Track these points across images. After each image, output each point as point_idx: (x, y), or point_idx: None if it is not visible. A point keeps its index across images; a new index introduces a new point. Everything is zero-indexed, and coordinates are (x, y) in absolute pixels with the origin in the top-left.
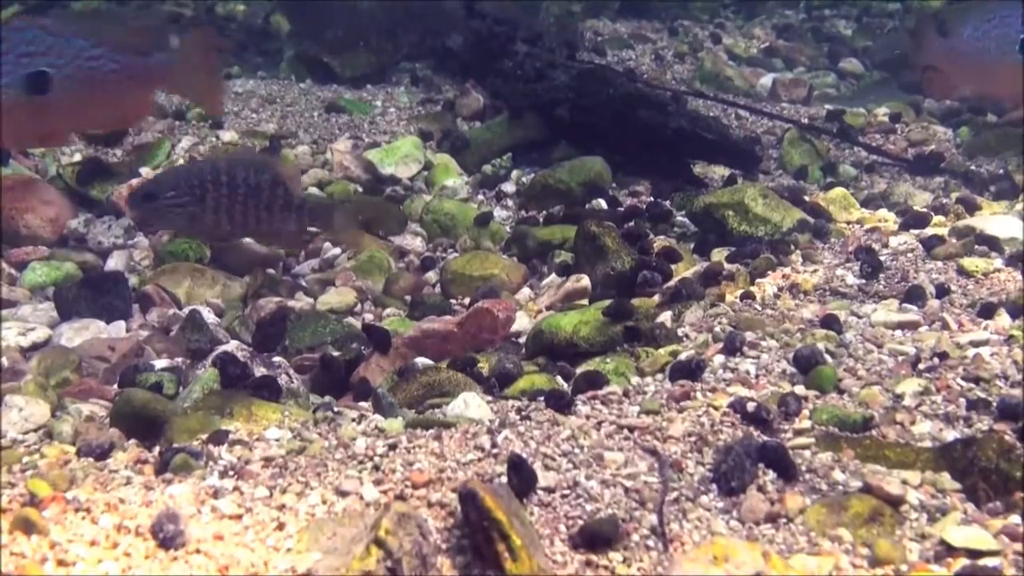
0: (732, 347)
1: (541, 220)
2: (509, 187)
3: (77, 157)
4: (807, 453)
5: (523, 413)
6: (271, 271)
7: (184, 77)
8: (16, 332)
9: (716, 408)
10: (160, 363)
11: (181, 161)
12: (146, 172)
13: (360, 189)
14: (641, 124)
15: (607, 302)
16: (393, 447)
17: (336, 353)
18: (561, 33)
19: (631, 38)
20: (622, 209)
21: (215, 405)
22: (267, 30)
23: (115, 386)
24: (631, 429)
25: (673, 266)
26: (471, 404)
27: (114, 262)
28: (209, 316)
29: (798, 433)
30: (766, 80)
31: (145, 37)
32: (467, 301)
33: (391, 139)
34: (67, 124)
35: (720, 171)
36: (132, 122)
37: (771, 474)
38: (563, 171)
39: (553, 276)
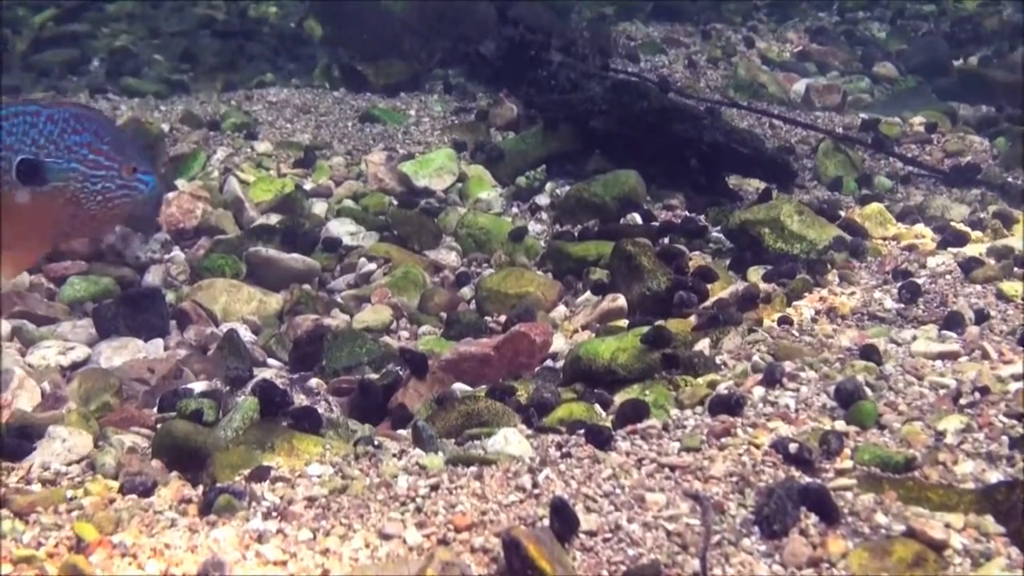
0: (772, 379)
1: (576, 235)
2: (543, 200)
3: None
4: (849, 495)
5: (563, 449)
6: (307, 286)
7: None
8: (56, 351)
9: (757, 447)
10: (199, 386)
11: (216, 172)
12: (182, 184)
13: (395, 202)
14: (676, 137)
15: (645, 328)
16: (435, 487)
17: (374, 376)
18: (594, 39)
19: (664, 42)
20: (657, 224)
21: (256, 439)
22: (300, 35)
23: (155, 410)
24: (672, 468)
25: (709, 285)
26: (511, 440)
27: (151, 277)
28: (246, 334)
29: (840, 473)
30: (800, 86)
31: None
32: (502, 319)
33: (425, 150)
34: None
35: (755, 183)
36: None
37: (813, 517)
38: (598, 185)
39: (588, 294)
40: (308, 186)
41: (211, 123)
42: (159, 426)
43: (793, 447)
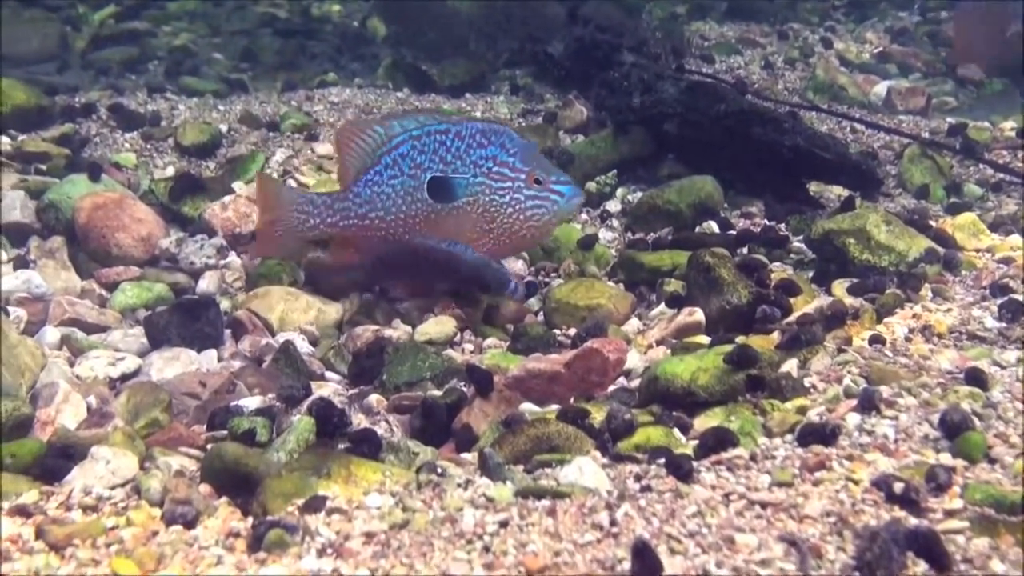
0: (868, 405)
1: (649, 243)
2: (614, 206)
3: (170, 171)
4: (961, 539)
5: (643, 481)
6: (367, 295)
7: None
8: (106, 362)
9: (856, 483)
10: (252, 401)
11: (275, 175)
12: (239, 187)
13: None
14: (755, 141)
15: (728, 347)
16: (504, 523)
17: (436, 393)
18: (666, 39)
19: (739, 42)
20: (734, 233)
21: (311, 464)
22: (363, 34)
23: (205, 428)
24: (763, 505)
25: (792, 299)
26: (586, 471)
27: (206, 283)
28: (303, 345)
29: (949, 514)
30: (880, 88)
31: None
32: (572, 332)
33: None
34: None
35: (837, 190)
36: None
37: (922, 564)
38: (672, 191)
39: (663, 307)
40: None
41: (270, 124)
42: (209, 446)
43: (898, 486)
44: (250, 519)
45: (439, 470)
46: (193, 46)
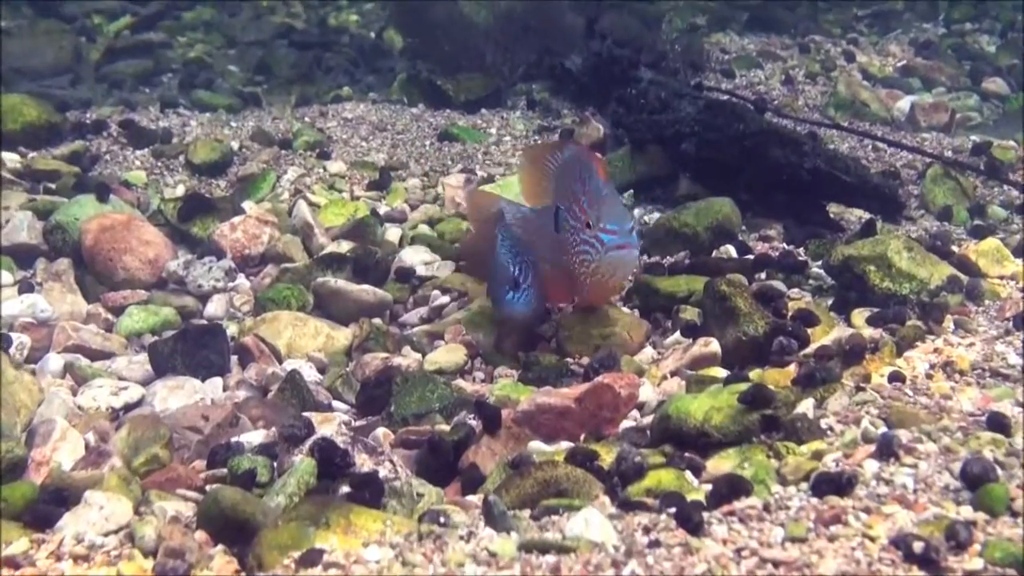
0: (886, 451)
1: (666, 267)
2: None
3: (180, 190)
4: None
5: (651, 535)
6: (377, 320)
7: None
8: (108, 391)
9: (873, 539)
10: (255, 436)
11: (286, 194)
12: (248, 206)
13: (472, 228)
14: (773, 163)
15: (742, 385)
16: None
17: (445, 428)
18: (685, 53)
19: (759, 55)
20: (752, 257)
21: (310, 514)
22: (380, 46)
23: (205, 466)
24: (776, 564)
25: (810, 330)
26: (592, 523)
27: (213, 307)
28: (311, 373)
29: (969, 575)
30: (904, 104)
31: None
32: (585, 360)
33: (506, 172)
34: None
35: (859, 212)
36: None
37: None
38: (689, 213)
39: (678, 335)
40: (382, 210)
41: (283, 141)
42: (208, 487)
43: (918, 546)
44: (244, 575)
45: (441, 519)
46: (208, 58)
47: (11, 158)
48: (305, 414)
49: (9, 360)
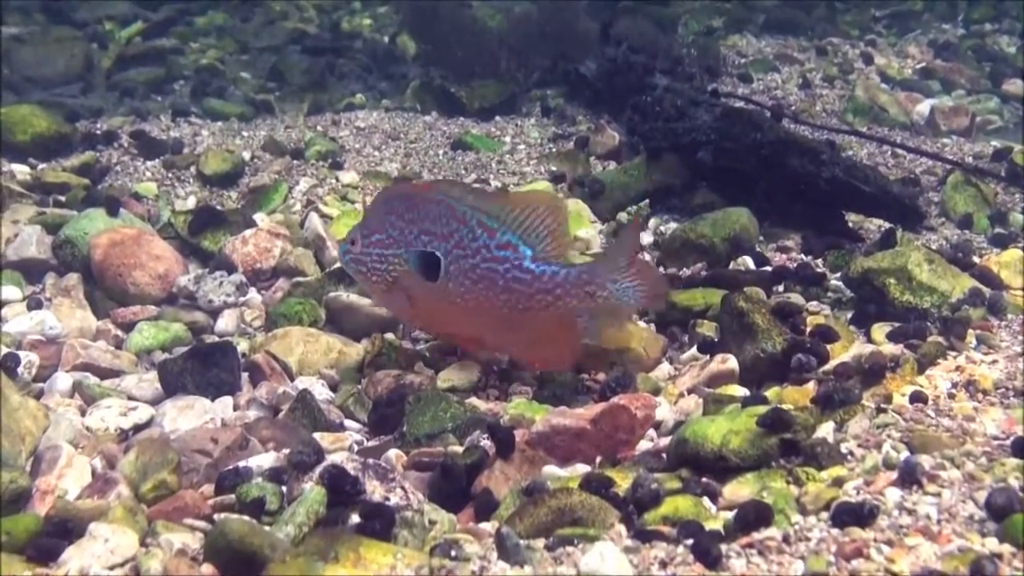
0: (909, 478)
1: (682, 279)
2: (646, 238)
3: (191, 201)
4: None
5: (668, 570)
6: (390, 335)
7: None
8: (117, 411)
9: (896, 575)
10: (266, 459)
11: (298, 205)
12: (260, 218)
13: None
14: (791, 172)
15: (761, 408)
16: None
17: (458, 449)
18: (701, 56)
19: (776, 59)
20: (770, 268)
21: (318, 548)
22: (393, 52)
23: (213, 492)
24: None
25: (829, 347)
26: (608, 558)
27: (224, 322)
28: (322, 391)
29: None
30: (923, 107)
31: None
32: (600, 377)
33: (520, 181)
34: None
35: (878, 221)
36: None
37: None
38: (705, 224)
39: (694, 351)
40: None
41: (295, 151)
42: (216, 516)
43: None
44: None
45: (453, 552)
46: (220, 65)
47: (21, 170)
48: (316, 435)
49: (14, 386)
